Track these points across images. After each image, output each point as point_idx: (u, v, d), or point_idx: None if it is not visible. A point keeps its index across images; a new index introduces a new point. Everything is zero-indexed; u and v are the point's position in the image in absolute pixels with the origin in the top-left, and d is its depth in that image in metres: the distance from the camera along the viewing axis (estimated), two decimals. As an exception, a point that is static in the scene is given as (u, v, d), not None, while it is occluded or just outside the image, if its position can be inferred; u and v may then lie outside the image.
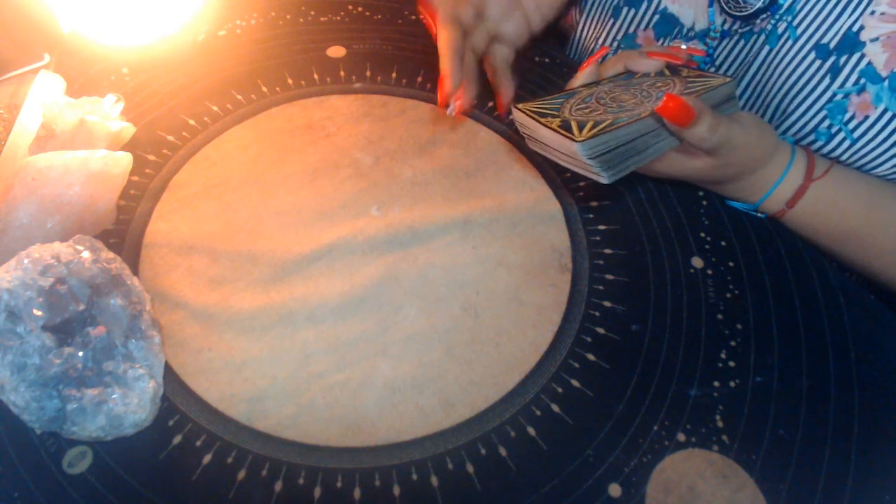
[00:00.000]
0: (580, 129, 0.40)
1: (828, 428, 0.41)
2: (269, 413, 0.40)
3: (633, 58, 0.48)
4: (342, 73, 0.61)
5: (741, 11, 0.51)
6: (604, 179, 0.41)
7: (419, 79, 0.61)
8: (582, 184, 0.53)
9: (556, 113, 0.44)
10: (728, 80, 0.46)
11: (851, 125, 0.48)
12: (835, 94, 0.49)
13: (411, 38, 0.65)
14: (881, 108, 0.47)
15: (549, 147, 0.43)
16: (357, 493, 0.37)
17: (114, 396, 0.37)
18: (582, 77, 0.49)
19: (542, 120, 0.42)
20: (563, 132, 0.40)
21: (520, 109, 0.44)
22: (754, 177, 0.48)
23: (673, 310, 0.46)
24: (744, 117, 0.45)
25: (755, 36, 0.52)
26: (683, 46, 0.54)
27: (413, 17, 0.67)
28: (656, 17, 0.58)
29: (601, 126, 0.40)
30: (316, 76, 0.60)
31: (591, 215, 0.51)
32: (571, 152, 0.41)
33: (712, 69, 0.57)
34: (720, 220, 0.52)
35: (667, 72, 0.48)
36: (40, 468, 0.37)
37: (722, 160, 0.45)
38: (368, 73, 0.61)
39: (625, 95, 0.45)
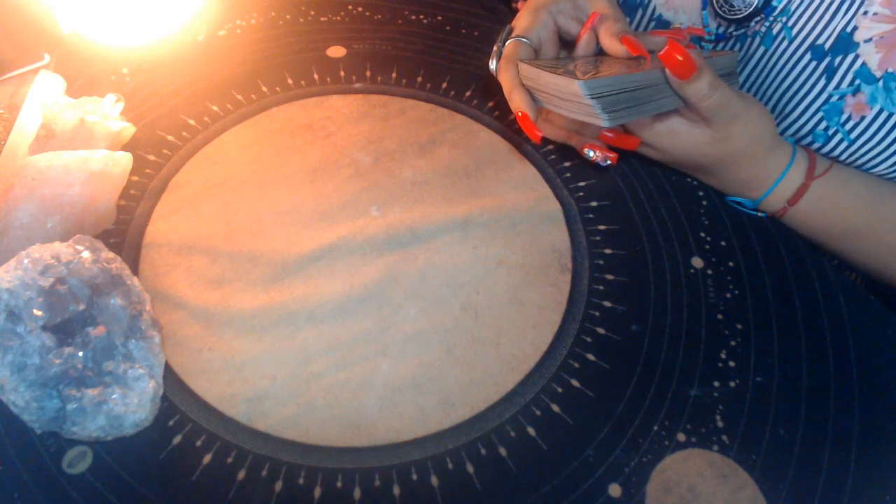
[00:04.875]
0: (584, 74, 0.43)
1: (828, 428, 0.41)
2: (269, 413, 0.40)
3: (638, 36, 0.48)
4: (342, 73, 0.61)
5: (735, 15, 0.51)
6: (603, 122, 0.43)
7: (419, 79, 0.61)
8: (582, 184, 0.53)
9: (560, 67, 0.46)
10: (730, 52, 0.47)
11: (848, 126, 0.48)
12: (831, 96, 0.49)
13: (411, 38, 0.65)
14: (877, 108, 0.47)
15: (552, 96, 0.45)
16: (357, 493, 0.37)
17: (114, 396, 0.37)
18: (582, 47, 0.50)
19: (547, 68, 0.45)
20: (565, 75, 0.43)
21: (525, 63, 0.47)
22: (754, 169, 0.49)
23: (673, 310, 0.46)
24: (745, 94, 0.47)
25: (750, 38, 0.52)
26: (683, 27, 0.55)
27: (413, 17, 0.67)
28: (652, 24, 0.58)
29: (604, 74, 0.42)
30: (316, 76, 0.60)
31: (591, 215, 0.51)
32: (574, 94, 0.42)
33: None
34: (720, 220, 0.52)
35: None
36: (40, 468, 0.37)
37: (721, 131, 0.46)
38: (368, 73, 0.61)
39: (628, 62, 0.47)
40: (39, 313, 0.36)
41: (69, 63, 0.58)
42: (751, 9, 0.50)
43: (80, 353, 0.37)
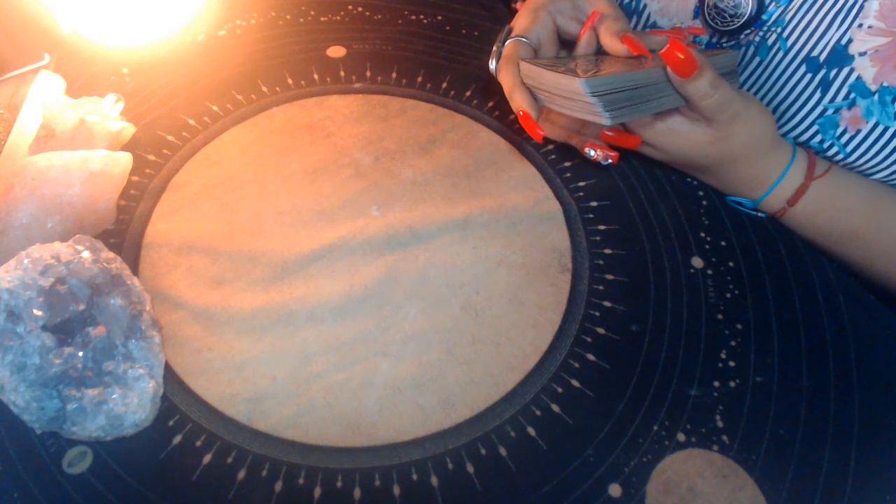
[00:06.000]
0: (585, 73, 0.43)
1: (828, 428, 0.41)
2: (269, 413, 0.40)
3: (638, 35, 0.48)
4: (342, 73, 0.61)
5: (725, 26, 0.51)
6: (605, 120, 0.43)
7: (419, 79, 0.61)
8: (582, 184, 0.53)
9: (561, 65, 0.46)
10: (730, 51, 0.47)
11: (844, 139, 0.49)
12: (826, 109, 0.49)
13: (411, 38, 0.65)
14: (872, 121, 0.47)
15: (553, 95, 0.45)
16: (357, 493, 0.37)
17: (114, 396, 0.37)
18: (582, 46, 0.50)
19: (548, 67, 0.45)
20: (567, 74, 0.43)
21: (526, 61, 0.47)
22: (755, 168, 0.49)
23: (673, 310, 0.46)
24: (746, 94, 0.47)
25: (745, 48, 0.52)
26: (684, 26, 0.55)
27: (413, 18, 0.67)
28: (647, 31, 0.58)
29: (605, 72, 0.42)
30: (316, 76, 0.60)
31: (591, 215, 0.51)
32: (575, 92, 0.42)
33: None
34: (720, 220, 0.52)
35: None
36: (40, 468, 0.37)
37: (722, 131, 0.46)
38: (368, 73, 0.61)
39: (629, 60, 0.47)
40: (39, 313, 0.36)
41: (69, 63, 0.58)
42: (741, 21, 0.50)
43: (80, 353, 0.37)
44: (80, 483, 0.37)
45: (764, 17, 0.50)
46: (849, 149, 0.49)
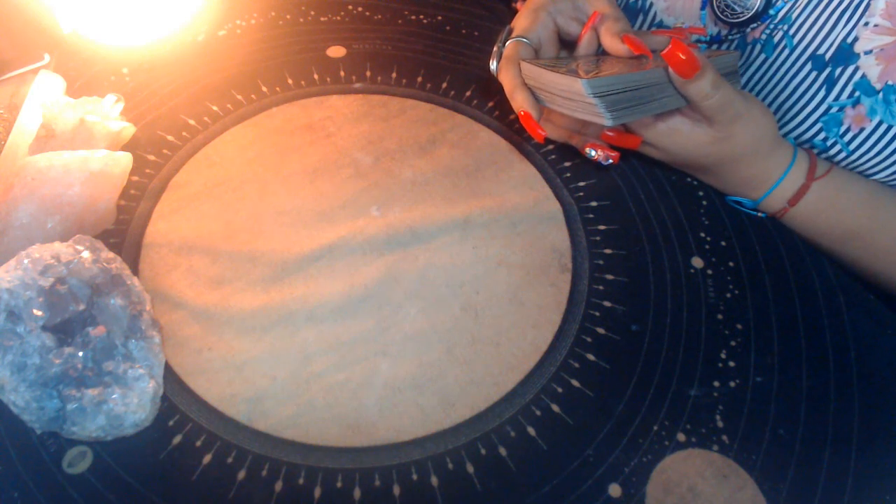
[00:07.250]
0: (586, 73, 0.43)
1: (828, 428, 0.41)
2: (269, 413, 0.40)
3: (639, 35, 0.48)
4: (342, 73, 0.61)
5: (734, 18, 0.51)
6: (606, 121, 0.43)
7: (419, 79, 0.61)
8: (582, 184, 0.53)
9: (563, 66, 0.46)
10: (731, 52, 0.47)
11: (847, 138, 0.49)
12: (830, 107, 0.49)
13: (411, 38, 0.65)
14: (876, 120, 0.47)
15: (554, 95, 0.45)
16: (357, 493, 0.37)
17: (114, 396, 0.37)
18: (583, 47, 0.50)
19: (549, 67, 0.45)
20: (568, 74, 0.43)
21: (527, 62, 0.47)
22: (755, 168, 0.49)
23: (673, 310, 0.46)
24: (747, 94, 0.47)
25: (750, 45, 0.52)
26: (685, 26, 0.55)
27: (413, 18, 0.67)
28: (653, 29, 0.58)
29: (606, 73, 0.42)
30: (316, 76, 0.60)
31: (591, 215, 0.51)
32: (577, 93, 0.43)
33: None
34: (720, 220, 0.52)
35: None
36: (40, 468, 0.37)
37: (723, 131, 0.46)
38: (368, 73, 0.61)
39: (630, 61, 0.47)
40: (39, 313, 0.36)
41: (69, 63, 0.58)
42: (750, 13, 0.50)
43: (80, 353, 0.37)
44: (80, 483, 0.37)
45: (771, 11, 0.50)
46: (852, 147, 0.49)
